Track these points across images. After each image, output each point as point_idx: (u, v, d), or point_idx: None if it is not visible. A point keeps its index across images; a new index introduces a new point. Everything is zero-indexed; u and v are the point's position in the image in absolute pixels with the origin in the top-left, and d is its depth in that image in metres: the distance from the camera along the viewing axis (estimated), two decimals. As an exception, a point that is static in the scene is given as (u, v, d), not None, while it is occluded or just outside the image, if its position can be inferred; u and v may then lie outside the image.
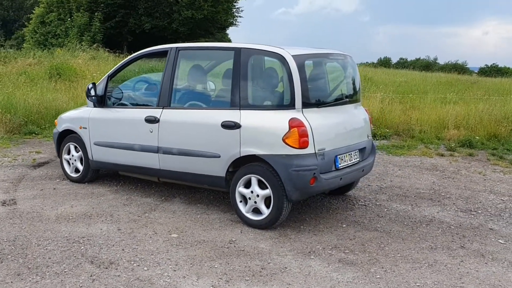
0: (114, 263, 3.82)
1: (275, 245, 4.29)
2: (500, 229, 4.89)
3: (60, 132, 6.20)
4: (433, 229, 4.81)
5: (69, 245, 4.15)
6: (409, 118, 10.40)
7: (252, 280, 3.61)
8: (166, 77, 5.16)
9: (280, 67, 4.52)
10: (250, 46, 4.76)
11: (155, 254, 4.00)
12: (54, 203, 5.29)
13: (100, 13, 25.21)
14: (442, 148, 9.02)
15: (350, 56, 5.40)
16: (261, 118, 4.54)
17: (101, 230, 4.52)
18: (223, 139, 4.68)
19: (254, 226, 4.66)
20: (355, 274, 3.75)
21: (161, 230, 4.55)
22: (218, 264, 3.85)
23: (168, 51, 5.22)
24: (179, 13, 24.75)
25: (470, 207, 5.57)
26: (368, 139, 5.33)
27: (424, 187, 6.36)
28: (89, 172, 6.01)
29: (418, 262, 4.02)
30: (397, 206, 5.50)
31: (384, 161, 7.92)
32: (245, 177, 4.66)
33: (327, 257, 4.05)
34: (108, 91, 5.68)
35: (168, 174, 5.22)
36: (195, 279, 3.59)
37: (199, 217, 4.96)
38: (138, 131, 5.28)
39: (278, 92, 4.61)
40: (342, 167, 4.80)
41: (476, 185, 6.57)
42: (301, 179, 4.39)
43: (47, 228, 4.55)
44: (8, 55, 19.34)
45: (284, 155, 4.40)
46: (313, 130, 4.44)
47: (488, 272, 3.88)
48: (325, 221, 4.93)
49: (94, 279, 3.55)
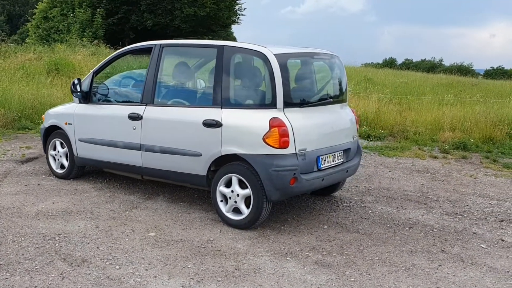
0: (87, 261, 3.78)
1: (252, 245, 4.24)
2: (483, 233, 4.83)
3: (46, 128, 6.17)
4: (415, 232, 4.75)
5: (44, 242, 4.11)
6: (404, 120, 10.32)
7: (224, 280, 3.56)
8: (150, 73, 5.12)
9: (263, 65, 4.47)
10: (232, 44, 4.72)
11: (129, 253, 3.97)
12: (36, 199, 5.26)
13: (103, 9, 25.22)
14: (436, 150, 8.95)
15: (337, 56, 5.35)
16: (242, 117, 4.49)
17: (78, 227, 4.49)
18: (205, 137, 4.64)
19: (234, 226, 4.62)
20: (329, 277, 3.70)
21: (139, 229, 4.51)
22: (192, 264, 3.81)
23: (153, 48, 5.18)
24: (181, 10, 24.72)
25: (456, 210, 5.51)
26: (354, 140, 5.28)
27: (413, 190, 6.30)
28: (74, 169, 5.99)
29: (396, 265, 3.97)
30: (382, 208, 5.44)
31: (376, 162, 7.86)
32: (226, 176, 4.62)
33: (304, 259, 4.01)
34: (93, 87, 5.65)
35: (150, 172, 5.18)
36: (166, 279, 3.55)
37: (180, 215, 4.92)
38: (122, 128, 5.25)
39: (260, 91, 4.56)
40: (325, 167, 4.75)
41: (466, 188, 6.51)
42: (281, 179, 4.34)
43: (25, 224, 4.52)
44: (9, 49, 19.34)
45: (264, 155, 4.35)
46: (294, 130, 4.39)
47: (466, 277, 3.82)
48: (306, 222, 4.88)
49: (64, 277, 3.51)
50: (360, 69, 25.02)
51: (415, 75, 25.46)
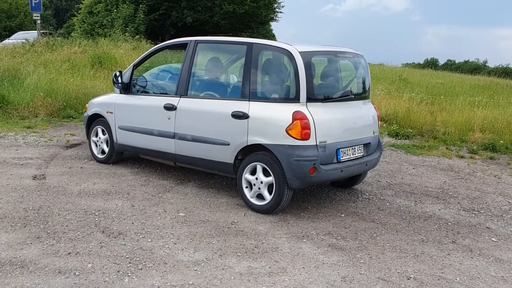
0: (122, 234, 4.22)
1: (272, 228, 4.59)
2: (497, 228, 5.02)
3: (89, 116, 6.69)
4: (429, 224, 4.99)
5: (86, 216, 4.59)
6: (434, 119, 10.42)
7: (244, 256, 3.93)
8: (184, 67, 5.53)
9: (288, 62, 4.80)
10: (261, 41, 5.07)
11: (161, 229, 4.39)
12: (79, 180, 5.77)
13: (145, 5, 25.95)
14: (464, 151, 9.04)
15: (361, 55, 5.62)
16: (268, 109, 4.84)
17: (116, 206, 4.94)
18: (233, 128, 5.01)
19: (257, 210, 4.98)
20: (340, 258, 4.01)
21: (171, 209, 4.93)
22: (216, 241, 4.19)
23: (188, 44, 5.59)
24: (221, 7, 25.20)
25: (474, 206, 5.70)
26: (374, 135, 5.54)
27: (434, 186, 6.50)
28: (114, 154, 6.48)
29: (405, 252, 4.24)
30: (400, 202, 5.69)
31: (401, 159, 8.06)
32: (251, 164, 4.98)
33: (319, 242, 4.33)
34: (133, 79, 6.11)
35: (182, 159, 5.60)
36: (192, 252, 3.94)
37: (208, 200, 5.32)
38: (157, 117, 5.68)
39: (285, 86, 4.90)
40: (344, 160, 5.04)
41: (488, 187, 6.65)
42: (301, 169, 4.67)
43: (68, 201, 5.01)
44: (56, 43, 20.27)
45: (287, 145, 4.69)
46: (316, 123, 4.71)
47: (471, 265, 4.06)
48: (325, 210, 5.19)
49: (102, 246, 3.96)
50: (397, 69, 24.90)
51: (452, 76, 25.17)
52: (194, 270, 3.63)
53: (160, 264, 3.70)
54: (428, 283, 3.67)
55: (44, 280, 3.36)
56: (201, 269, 3.65)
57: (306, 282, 3.56)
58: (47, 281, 3.35)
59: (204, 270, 3.64)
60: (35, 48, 18.46)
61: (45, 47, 18.99)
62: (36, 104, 10.31)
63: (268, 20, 29.17)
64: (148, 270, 3.59)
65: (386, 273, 3.79)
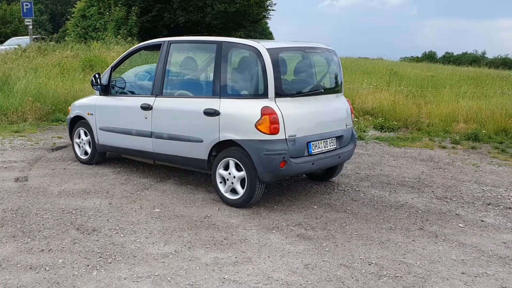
0: (97, 230, 4.36)
1: (244, 221, 4.73)
2: (466, 215, 5.14)
3: (71, 118, 6.83)
4: (400, 213, 5.12)
5: (62, 215, 4.72)
6: (418, 111, 10.54)
7: (212, 247, 4.06)
8: (159, 67, 5.67)
9: (256, 59, 4.92)
10: (230, 40, 5.20)
11: (134, 225, 4.52)
12: (60, 181, 5.90)
13: (137, 8, 26.12)
14: (447, 141, 9.17)
15: (332, 50, 5.75)
16: (238, 106, 4.97)
17: (94, 204, 5.08)
18: (205, 125, 5.14)
19: (231, 204, 5.11)
20: (306, 247, 4.14)
21: (147, 206, 5.07)
22: (187, 234, 4.33)
23: (162, 44, 5.72)
24: (212, 7, 25.34)
25: (447, 195, 5.82)
26: (347, 128, 5.66)
27: (411, 176, 6.62)
28: (96, 155, 6.61)
29: (371, 239, 4.36)
30: (375, 192, 5.81)
31: (383, 151, 8.19)
32: (224, 160, 5.11)
33: (288, 232, 4.46)
34: (111, 81, 6.24)
35: (160, 157, 5.73)
36: (162, 245, 4.08)
37: (185, 196, 5.45)
38: (135, 117, 5.81)
39: (254, 83, 5.02)
40: (316, 153, 5.17)
41: (465, 175, 6.77)
42: (271, 162, 4.80)
43: (47, 201, 5.15)
44: (48, 47, 20.41)
45: (256, 140, 4.82)
46: (284, 117, 4.83)
47: (434, 250, 4.18)
48: (299, 203, 5.32)
49: (75, 242, 4.09)
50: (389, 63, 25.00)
51: (444, 68, 25.27)
52: (162, 262, 3.76)
53: (129, 257, 3.83)
54: (388, 268, 3.80)
55: (15, 276, 3.50)
56: (168, 261, 3.78)
57: (269, 270, 3.69)
58: (18, 277, 3.49)
59: (171, 262, 3.77)
60: (27, 54, 18.59)
61: (37, 52, 19.13)
62: (24, 108, 10.44)
63: (261, 18, 29.29)
64: (117, 263, 3.72)
65: (348, 260, 3.92)
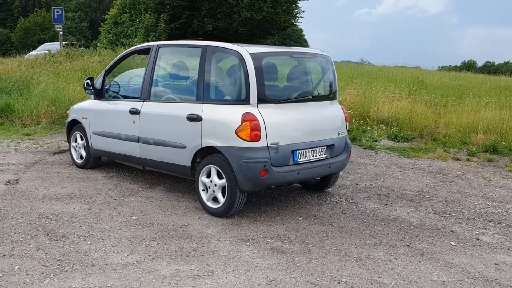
0: (65, 237, 4.26)
1: (221, 231, 4.54)
2: (462, 232, 4.80)
3: (69, 122, 6.82)
4: (389, 228, 4.82)
5: (37, 220, 4.65)
6: (434, 121, 10.12)
7: (176, 259, 3.89)
8: (147, 72, 5.57)
9: (239, 64, 4.75)
10: (214, 44, 5.05)
11: (106, 232, 4.40)
12: (49, 185, 5.87)
13: (166, 15, 26.38)
14: (463, 153, 8.74)
15: (326, 55, 5.51)
16: (219, 111, 4.81)
17: (73, 209, 5.00)
18: (188, 130, 5.00)
19: (212, 213, 4.94)
20: (277, 261, 3.92)
21: (125, 212, 4.95)
22: (156, 244, 4.17)
23: (151, 48, 5.63)
24: (239, 14, 25.29)
25: (446, 209, 5.48)
26: (339, 136, 5.40)
27: (413, 189, 6.29)
28: (91, 159, 6.56)
29: (349, 256, 4.10)
30: (369, 205, 5.52)
31: (391, 162, 7.86)
32: (206, 167, 4.95)
33: (262, 245, 4.24)
34: (105, 84, 6.19)
35: (147, 162, 5.62)
36: (126, 255, 3.93)
37: (169, 203, 5.31)
38: (124, 122, 5.73)
39: (237, 88, 4.84)
40: (302, 162, 4.94)
41: (472, 189, 6.39)
42: (251, 171, 4.60)
43: (29, 204, 5.10)
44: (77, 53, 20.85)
45: (237, 147, 4.63)
46: (267, 124, 4.63)
47: (415, 269, 3.89)
48: (284, 214, 5.10)
49: (39, 249, 4.00)
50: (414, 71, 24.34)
51: (476, 77, 24.40)
52: (119, 273, 3.61)
53: (88, 266, 3.70)
54: (358, 287, 3.54)
55: (-34, 281, 3.42)
56: (126, 272, 3.64)
57: (228, 285, 3.49)
58: (-32, 282, 3.41)
59: (128, 273, 3.62)
60: (55, 59, 19.02)
61: (65, 57, 19.55)
62: (39, 112, 10.59)
63: (288, 26, 29.08)
64: (72, 272, 3.60)
65: (317, 277, 3.68)
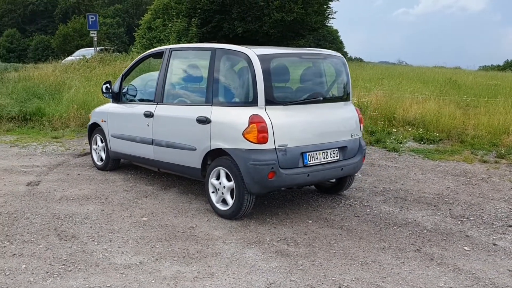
0: (75, 237, 4.35)
1: (228, 233, 4.53)
2: (478, 237, 4.64)
3: (90, 125, 6.97)
4: (401, 232, 4.71)
5: (51, 220, 4.77)
6: (462, 122, 9.83)
7: (179, 260, 3.91)
8: (161, 75, 5.64)
9: (247, 65, 4.74)
10: (223, 46, 5.06)
11: (114, 233, 4.47)
12: (68, 186, 6.01)
13: (197, 19, 26.67)
14: (491, 155, 8.44)
15: (339, 56, 5.45)
16: (227, 114, 4.81)
17: (87, 210, 5.10)
18: (198, 133, 5.02)
19: (222, 215, 4.94)
20: (280, 264, 3.88)
21: (137, 214, 5.01)
22: (161, 245, 4.21)
23: (164, 52, 5.70)
24: (269, 16, 25.31)
25: (465, 213, 5.31)
26: (352, 138, 5.31)
27: (433, 192, 6.12)
28: (110, 161, 6.69)
29: (355, 259, 4.02)
30: (383, 208, 5.41)
31: (413, 164, 7.67)
32: (216, 169, 4.96)
33: (268, 248, 4.21)
34: (122, 88, 6.30)
35: (161, 164, 5.68)
36: (130, 256, 3.98)
37: (181, 205, 5.35)
38: (139, 125, 5.81)
39: (244, 90, 4.82)
40: (313, 164, 4.88)
41: (496, 193, 6.17)
42: (258, 173, 4.58)
43: (45, 205, 5.24)
44: (110, 58, 21.34)
45: (244, 149, 4.62)
46: (274, 126, 4.60)
47: (421, 275, 3.77)
48: (295, 216, 5.05)
49: (48, 248, 4.10)
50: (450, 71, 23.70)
51: (514, 77, 23.57)
52: (121, 273, 3.66)
53: (91, 266, 3.77)
54: (358, 292, 3.47)
55: (-27, 279, 3.54)
56: (128, 272, 3.68)
57: (227, 287, 3.48)
58: (-24, 280, 3.52)
59: (130, 274, 3.66)
60: (89, 64, 19.52)
61: (99, 62, 20.04)
62: (69, 115, 10.90)
63: (319, 27, 28.88)
64: (76, 272, 3.67)
65: (318, 281, 3.62)
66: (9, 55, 52.83)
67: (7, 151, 8.12)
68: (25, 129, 10.48)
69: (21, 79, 15.17)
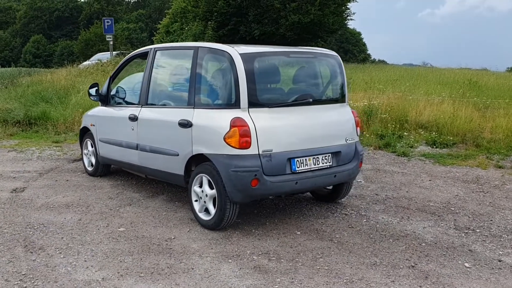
0: (42, 249, 4.08)
1: (207, 246, 4.20)
2: (482, 251, 4.20)
3: (81, 129, 6.74)
4: (397, 245, 4.30)
5: (23, 230, 4.52)
6: (478, 125, 9.29)
7: (146, 277, 3.60)
8: (145, 76, 5.35)
9: (229, 65, 4.41)
10: (205, 45, 4.74)
11: (85, 245, 4.19)
12: (53, 193, 5.77)
13: (214, 22, 26.49)
14: (508, 160, 7.92)
15: (332, 54, 5.08)
16: (208, 117, 4.49)
17: (64, 219, 4.83)
18: (180, 137, 4.72)
19: (204, 226, 4.62)
20: (255, 282, 3.53)
21: (114, 223, 4.72)
22: (131, 259, 3.90)
23: (149, 51, 5.41)
24: (286, 18, 24.94)
25: (471, 225, 4.86)
26: (347, 142, 4.93)
27: (439, 200, 5.68)
28: (100, 167, 6.43)
29: (340, 277, 3.64)
30: (382, 218, 5.00)
31: (422, 170, 7.22)
32: (198, 176, 4.64)
33: (246, 263, 3.86)
34: (110, 91, 6.05)
35: (145, 170, 5.39)
36: (94, 271, 3.68)
37: (164, 214, 5.05)
38: (124, 129, 5.54)
39: (227, 91, 4.49)
40: (301, 171, 4.52)
41: (508, 202, 5.69)
42: (240, 180, 4.24)
43: (23, 213, 5.00)
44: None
45: (225, 155, 4.29)
46: (258, 130, 4.26)
47: (411, 296, 3.38)
48: (283, 227, 4.69)
49: (10, 261, 3.83)
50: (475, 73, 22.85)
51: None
52: (78, 291, 3.36)
53: (49, 282, 3.48)
54: (335, 317, 3.09)
55: None
56: (86, 290, 3.38)
57: (189, 309, 3.15)
58: None
59: (88, 291, 3.36)
60: (103, 67, 19.50)
61: (114, 66, 20.00)
62: (73, 119, 10.75)
63: (337, 28, 28.34)
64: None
65: (294, 302, 3.26)
66: (35, 60, 53.78)
67: (3, 156, 7.97)
68: (29, 133, 10.37)
69: (33, 83, 15.19)
